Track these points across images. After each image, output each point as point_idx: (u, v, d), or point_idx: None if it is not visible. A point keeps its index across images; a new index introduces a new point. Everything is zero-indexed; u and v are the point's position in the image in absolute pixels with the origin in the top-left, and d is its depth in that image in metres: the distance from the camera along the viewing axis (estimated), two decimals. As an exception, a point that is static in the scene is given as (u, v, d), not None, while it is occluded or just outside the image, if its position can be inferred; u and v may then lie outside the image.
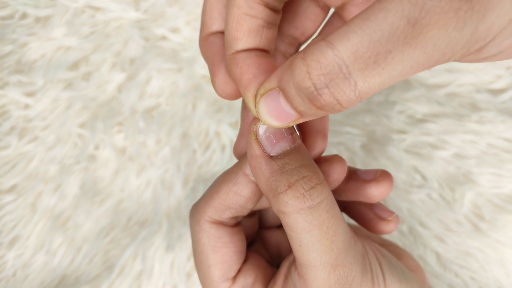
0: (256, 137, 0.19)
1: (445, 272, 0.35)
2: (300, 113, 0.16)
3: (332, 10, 0.23)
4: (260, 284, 0.22)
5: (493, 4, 0.13)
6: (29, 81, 0.39)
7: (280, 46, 0.22)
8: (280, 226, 0.27)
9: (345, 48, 0.13)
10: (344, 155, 0.38)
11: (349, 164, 0.38)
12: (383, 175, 0.23)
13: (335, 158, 0.22)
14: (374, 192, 0.23)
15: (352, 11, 0.21)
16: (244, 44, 0.18)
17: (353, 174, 0.24)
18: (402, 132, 0.38)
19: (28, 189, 0.38)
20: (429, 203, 0.36)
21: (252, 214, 0.26)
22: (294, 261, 0.21)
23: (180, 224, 0.37)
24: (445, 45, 0.13)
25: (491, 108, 0.36)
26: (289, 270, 0.21)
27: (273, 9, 0.19)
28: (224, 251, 0.22)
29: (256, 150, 0.19)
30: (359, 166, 0.38)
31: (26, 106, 0.39)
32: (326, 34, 0.14)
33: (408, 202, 0.37)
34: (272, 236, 0.26)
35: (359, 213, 0.25)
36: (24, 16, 0.40)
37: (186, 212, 0.38)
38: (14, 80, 0.39)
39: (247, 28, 0.18)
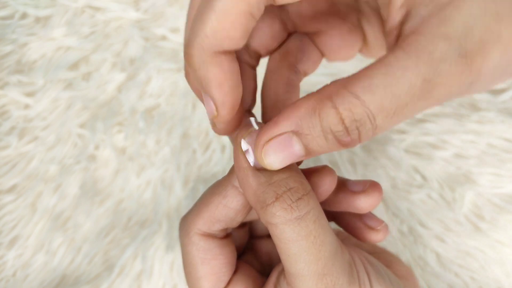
0: (242, 150, 0.19)
1: (445, 272, 0.35)
2: (310, 152, 0.17)
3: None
4: None
5: (483, 70, 0.16)
6: (29, 81, 0.39)
7: (243, 55, 0.23)
8: (270, 236, 0.27)
9: (371, 101, 0.16)
10: (344, 155, 0.38)
11: (349, 164, 0.38)
12: (372, 187, 0.23)
13: (325, 169, 0.22)
14: (363, 204, 0.23)
15: (325, 39, 0.24)
16: (235, 46, 0.18)
17: (342, 185, 0.24)
18: (402, 132, 0.38)
19: (28, 189, 0.38)
20: (429, 203, 0.36)
21: (243, 224, 0.26)
22: (283, 270, 0.21)
23: (178, 227, 0.37)
24: (444, 97, 0.16)
25: (491, 108, 0.36)
26: (278, 279, 0.21)
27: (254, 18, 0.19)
28: (213, 263, 0.22)
29: (243, 162, 0.19)
30: (359, 166, 0.38)
31: (26, 106, 0.39)
32: (346, 81, 0.16)
33: (408, 202, 0.37)
34: (263, 246, 0.26)
35: (348, 222, 0.25)
36: (24, 16, 0.40)
37: (186, 212, 0.38)
38: (14, 80, 0.39)
39: (246, 29, 0.18)
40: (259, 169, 0.19)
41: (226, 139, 0.39)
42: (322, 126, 0.16)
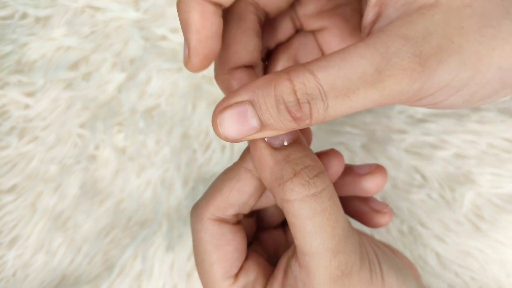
0: None
1: (445, 272, 0.35)
2: (264, 126, 0.18)
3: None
4: (261, 281, 0.23)
5: (437, 73, 0.17)
6: (29, 81, 0.39)
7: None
8: (277, 227, 0.28)
9: (324, 78, 0.17)
10: (344, 155, 0.38)
11: (349, 163, 0.38)
12: (377, 169, 0.25)
13: (333, 152, 0.23)
14: (370, 185, 0.24)
15: (326, 37, 0.25)
16: (242, 60, 0.21)
17: (348, 170, 0.25)
18: (402, 132, 0.38)
19: (28, 189, 0.38)
20: (429, 203, 0.36)
21: (250, 215, 0.26)
22: (293, 254, 0.22)
23: (180, 224, 0.37)
24: (397, 93, 0.17)
25: (491, 108, 0.36)
26: (289, 263, 0.22)
27: (261, 25, 0.22)
28: (226, 249, 0.22)
29: (259, 141, 0.20)
30: (359, 166, 0.38)
31: (26, 106, 0.39)
32: (306, 63, 0.17)
33: (408, 202, 0.37)
34: (270, 237, 0.27)
35: (354, 208, 0.26)
36: (24, 16, 0.40)
37: (186, 212, 0.38)
38: (14, 80, 0.39)
39: (246, 45, 0.21)
40: (276, 149, 0.20)
41: (226, 139, 0.39)
42: (275, 96, 0.17)
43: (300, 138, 0.21)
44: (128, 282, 0.36)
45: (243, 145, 0.39)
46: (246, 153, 0.22)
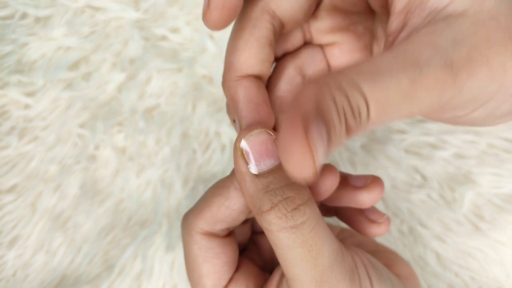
0: (242, 153, 0.19)
1: (445, 272, 0.35)
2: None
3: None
4: None
5: (467, 84, 0.16)
6: (29, 81, 0.39)
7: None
8: None
9: (371, 96, 0.16)
10: (344, 155, 0.38)
11: (349, 164, 0.38)
12: (374, 182, 0.23)
13: (327, 168, 0.22)
14: (365, 200, 0.23)
15: (336, 52, 0.24)
16: (252, 69, 0.20)
17: (343, 181, 0.24)
18: (402, 132, 0.38)
19: (28, 189, 0.38)
20: (429, 203, 0.36)
21: (245, 220, 0.26)
22: None
23: (180, 224, 0.37)
24: (425, 105, 0.16)
25: (491, 108, 0.36)
26: (281, 279, 0.22)
27: (275, 37, 0.21)
28: (215, 262, 0.22)
29: (241, 167, 0.19)
30: (359, 166, 0.38)
31: (26, 106, 0.39)
32: (347, 70, 0.16)
33: (408, 202, 0.37)
34: (265, 241, 0.26)
35: (350, 217, 0.25)
36: (24, 16, 0.40)
37: (186, 211, 0.38)
38: (14, 80, 0.39)
39: (257, 54, 0.20)
40: (257, 176, 0.19)
41: (226, 139, 0.39)
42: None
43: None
44: (128, 282, 0.36)
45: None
46: None
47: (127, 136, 0.39)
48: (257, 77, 0.21)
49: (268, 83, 0.24)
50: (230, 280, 0.22)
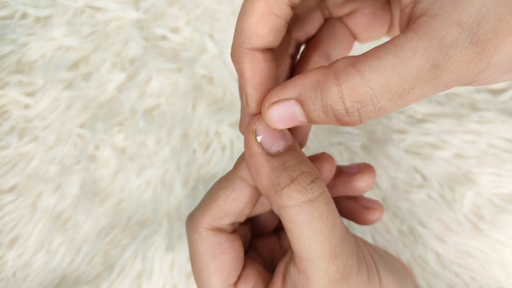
0: (256, 136, 0.20)
1: (445, 272, 0.35)
2: (312, 121, 0.18)
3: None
4: None
5: (494, 57, 0.16)
6: (29, 81, 0.39)
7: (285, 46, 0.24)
8: (270, 234, 0.28)
9: (377, 82, 0.16)
10: (344, 155, 0.38)
11: (348, 163, 0.38)
12: (366, 168, 0.25)
13: (324, 157, 0.23)
14: (360, 184, 0.25)
15: (357, 19, 0.24)
16: (263, 42, 0.20)
17: (338, 171, 0.25)
18: (402, 132, 0.38)
19: (28, 189, 0.38)
20: (429, 203, 0.36)
21: (245, 223, 0.26)
22: (290, 260, 0.22)
23: (180, 224, 0.37)
24: (452, 83, 0.16)
25: (491, 108, 0.36)
26: (287, 269, 0.22)
27: (293, 11, 0.20)
28: (224, 258, 0.22)
29: (256, 148, 0.20)
30: (359, 166, 0.38)
31: (26, 106, 0.39)
32: (354, 59, 0.16)
33: (408, 202, 0.37)
34: (265, 244, 0.27)
35: (345, 207, 0.26)
36: (24, 16, 0.40)
37: (186, 212, 0.38)
38: (14, 80, 0.39)
39: (271, 26, 0.20)
40: (272, 155, 0.20)
41: (226, 139, 0.39)
42: (322, 102, 0.17)
43: (295, 145, 0.21)
44: (128, 282, 0.36)
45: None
46: (240, 162, 0.22)
47: (127, 136, 0.39)
48: (268, 49, 0.21)
49: (295, 73, 0.24)
50: (239, 277, 0.23)
